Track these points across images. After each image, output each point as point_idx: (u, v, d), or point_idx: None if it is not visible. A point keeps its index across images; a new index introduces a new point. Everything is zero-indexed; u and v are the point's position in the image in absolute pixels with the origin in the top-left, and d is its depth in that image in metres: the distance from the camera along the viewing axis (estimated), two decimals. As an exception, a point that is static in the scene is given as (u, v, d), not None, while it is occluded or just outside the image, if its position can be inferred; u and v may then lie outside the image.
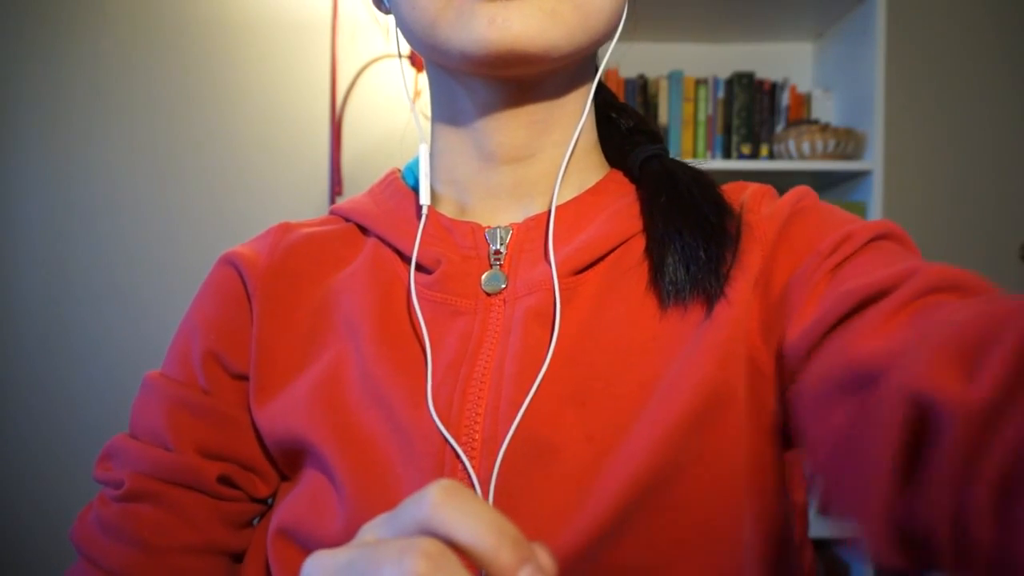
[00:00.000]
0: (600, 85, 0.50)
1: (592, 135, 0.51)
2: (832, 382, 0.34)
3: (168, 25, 1.82)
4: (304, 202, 1.83)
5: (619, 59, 1.79)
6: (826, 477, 0.35)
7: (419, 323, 0.43)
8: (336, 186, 1.80)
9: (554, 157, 0.47)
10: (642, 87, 1.76)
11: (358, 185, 1.81)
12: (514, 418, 0.39)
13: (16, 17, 1.80)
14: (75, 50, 1.80)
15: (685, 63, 1.83)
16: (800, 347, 0.38)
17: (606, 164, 0.52)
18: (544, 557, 0.22)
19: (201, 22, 1.82)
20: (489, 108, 0.45)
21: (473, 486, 0.38)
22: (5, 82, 1.80)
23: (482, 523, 0.21)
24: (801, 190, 0.46)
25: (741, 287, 0.42)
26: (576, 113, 0.48)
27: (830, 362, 0.35)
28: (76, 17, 1.80)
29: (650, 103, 1.76)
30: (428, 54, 0.45)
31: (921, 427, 0.29)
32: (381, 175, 0.54)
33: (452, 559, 0.21)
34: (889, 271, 0.36)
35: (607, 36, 0.45)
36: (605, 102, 0.54)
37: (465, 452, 0.39)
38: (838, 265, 0.39)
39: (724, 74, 1.80)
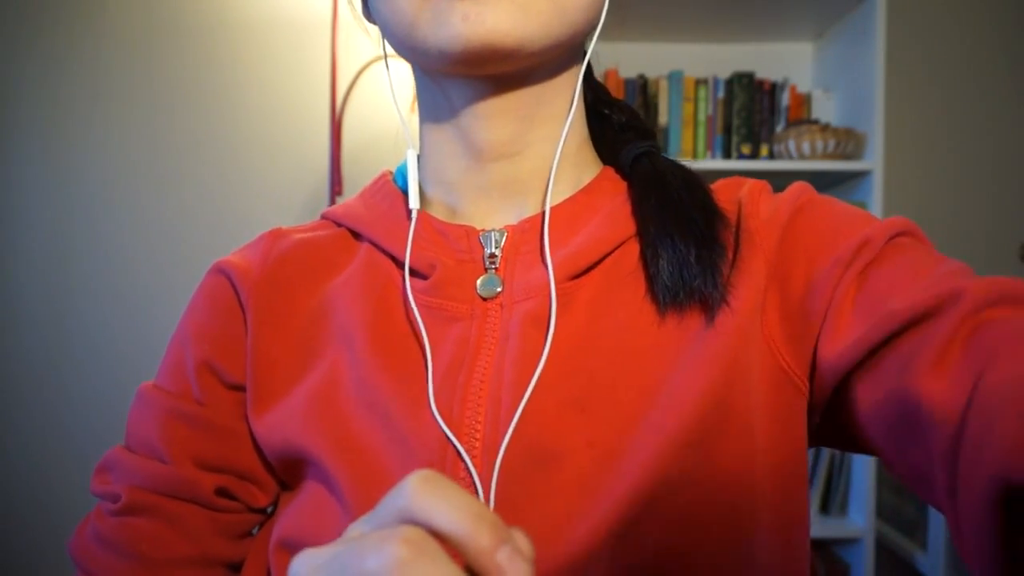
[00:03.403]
0: (592, 81, 0.49)
1: (583, 130, 0.50)
2: (899, 416, 0.35)
3: (168, 25, 1.82)
4: (304, 202, 1.83)
5: (619, 59, 1.79)
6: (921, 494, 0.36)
7: (419, 329, 0.43)
8: (336, 186, 1.80)
9: (544, 153, 0.47)
10: (642, 87, 1.75)
11: (358, 185, 1.80)
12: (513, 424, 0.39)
13: (16, 17, 1.79)
14: (75, 50, 1.80)
15: (685, 63, 1.83)
16: (840, 364, 0.38)
17: (599, 161, 0.51)
18: (522, 540, 0.22)
19: (201, 22, 1.82)
20: (474, 106, 0.45)
21: (476, 492, 0.38)
22: (5, 82, 1.80)
23: (459, 508, 0.22)
24: (798, 187, 0.45)
25: (745, 295, 0.41)
26: (564, 108, 0.47)
27: (892, 392, 0.36)
28: (76, 17, 1.80)
29: (650, 103, 1.76)
30: (410, 56, 0.45)
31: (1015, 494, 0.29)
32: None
33: (433, 544, 0.21)
34: (931, 290, 0.35)
35: (588, 27, 0.44)
36: (597, 98, 0.53)
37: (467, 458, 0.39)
38: (862, 272, 0.39)
39: (724, 74, 1.79)
